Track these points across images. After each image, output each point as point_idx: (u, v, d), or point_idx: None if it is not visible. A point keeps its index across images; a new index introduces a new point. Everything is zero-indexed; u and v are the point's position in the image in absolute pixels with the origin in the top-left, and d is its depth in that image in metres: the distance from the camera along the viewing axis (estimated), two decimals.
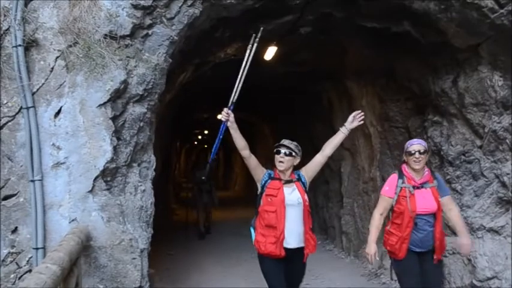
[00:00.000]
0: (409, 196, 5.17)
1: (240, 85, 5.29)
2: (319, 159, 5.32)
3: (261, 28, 5.38)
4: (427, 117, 7.49)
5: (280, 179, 5.14)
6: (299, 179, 5.23)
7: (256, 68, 9.74)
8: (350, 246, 10.61)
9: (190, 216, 15.01)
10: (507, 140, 6.01)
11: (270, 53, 9.01)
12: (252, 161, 5.23)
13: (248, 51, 5.28)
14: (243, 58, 5.22)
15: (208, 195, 14.13)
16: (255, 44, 5.28)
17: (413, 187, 5.20)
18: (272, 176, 5.19)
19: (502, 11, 5.29)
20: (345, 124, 5.49)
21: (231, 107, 5.23)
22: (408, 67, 7.69)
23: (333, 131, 10.74)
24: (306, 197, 5.16)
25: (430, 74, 7.14)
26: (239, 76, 5.29)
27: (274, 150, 5.18)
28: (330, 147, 5.34)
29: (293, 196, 5.10)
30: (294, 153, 5.16)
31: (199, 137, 34.58)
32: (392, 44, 7.31)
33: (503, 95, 5.98)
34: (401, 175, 5.31)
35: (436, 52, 6.73)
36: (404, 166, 5.36)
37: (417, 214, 5.15)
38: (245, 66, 5.29)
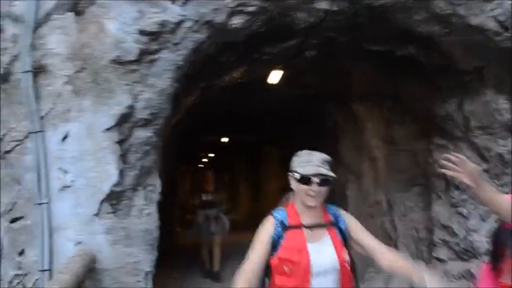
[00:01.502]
0: None
1: None
2: (369, 249, 3.33)
3: None
4: (432, 141, 7.50)
5: (300, 226, 3.27)
6: (335, 223, 3.35)
7: (262, 91, 9.93)
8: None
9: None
10: None
11: (275, 76, 9.09)
12: (261, 261, 3.23)
13: None
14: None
15: (217, 223, 11.80)
16: None
17: None
18: (286, 222, 3.29)
19: (506, 34, 5.33)
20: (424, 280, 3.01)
21: None
22: (413, 90, 7.72)
23: (338, 154, 10.88)
24: (345, 255, 3.27)
25: (435, 96, 7.17)
26: None
27: (298, 177, 3.30)
28: (388, 266, 3.27)
29: (325, 256, 3.21)
30: (331, 179, 3.27)
31: (205, 159, 34.66)
32: (397, 66, 7.36)
33: (509, 118, 5.99)
34: None
35: (441, 75, 6.77)
36: None
37: None
38: None
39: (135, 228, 5.27)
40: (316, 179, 3.22)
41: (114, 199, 5.14)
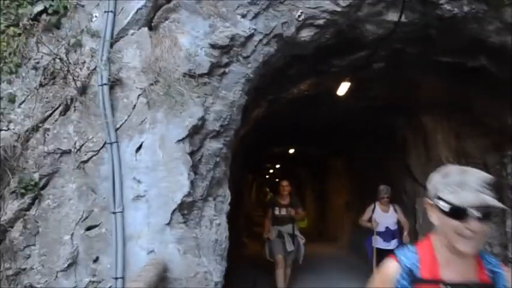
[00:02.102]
0: None
1: None
2: None
3: None
4: (506, 153, 7.30)
5: (439, 282, 2.20)
6: (493, 284, 2.24)
7: (329, 103, 9.91)
8: None
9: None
10: None
11: (343, 88, 9.06)
12: None
13: None
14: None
15: (292, 242, 10.00)
16: None
17: None
18: (417, 272, 2.24)
19: None
20: None
21: None
22: (485, 102, 7.55)
23: (407, 167, 10.70)
24: None
25: (508, 109, 6.98)
26: None
27: (446, 208, 2.18)
28: None
29: None
30: (497, 211, 2.26)
31: (271, 170, 34.80)
32: (468, 78, 7.22)
33: None
34: None
35: None
36: None
37: None
38: None
39: (205, 238, 5.34)
40: (476, 213, 2.10)
41: (186, 209, 5.22)
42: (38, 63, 5.38)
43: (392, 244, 9.25)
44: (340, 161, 18.78)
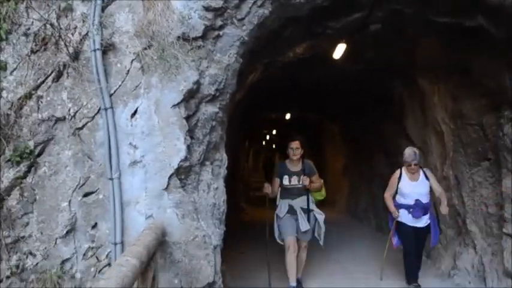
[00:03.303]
0: None
1: None
2: None
3: None
4: (502, 114, 7.28)
5: None
6: None
7: (325, 66, 9.83)
8: None
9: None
10: None
11: (339, 51, 8.96)
12: None
13: None
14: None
15: (307, 220, 7.72)
16: None
17: None
18: None
19: None
20: None
21: None
22: (484, 63, 7.47)
23: (403, 129, 10.67)
24: None
25: (506, 69, 6.92)
26: None
27: None
28: None
29: None
30: None
31: (267, 137, 34.79)
32: (466, 39, 7.14)
33: None
34: None
35: None
36: None
37: None
38: None
39: (203, 202, 5.35)
40: None
41: (183, 174, 5.22)
42: (28, 29, 5.30)
43: (423, 221, 7.84)
44: (336, 125, 18.75)
